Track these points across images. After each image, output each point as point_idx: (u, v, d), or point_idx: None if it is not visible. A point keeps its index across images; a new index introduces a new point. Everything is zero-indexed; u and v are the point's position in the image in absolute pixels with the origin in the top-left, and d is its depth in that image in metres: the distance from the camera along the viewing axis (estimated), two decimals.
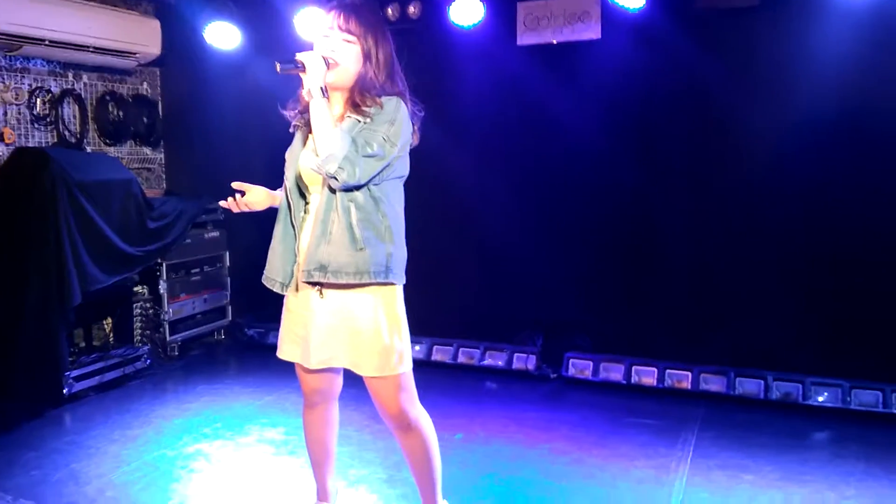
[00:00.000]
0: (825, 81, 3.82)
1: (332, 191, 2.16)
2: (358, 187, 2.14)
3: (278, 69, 2.13)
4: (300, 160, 2.27)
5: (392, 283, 2.23)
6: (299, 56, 2.12)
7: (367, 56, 2.19)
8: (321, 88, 2.10)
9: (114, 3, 5.00)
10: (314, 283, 2.22)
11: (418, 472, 2.42)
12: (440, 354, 4.66)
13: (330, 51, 2.17)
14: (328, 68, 2.14)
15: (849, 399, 3.76)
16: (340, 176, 2.07)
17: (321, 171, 2.10)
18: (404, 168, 2.28)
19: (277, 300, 2.41)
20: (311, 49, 2.19)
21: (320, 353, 2.25)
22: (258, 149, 4.66)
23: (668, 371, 4.12)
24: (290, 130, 2.36)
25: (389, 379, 2.24)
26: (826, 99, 3.83)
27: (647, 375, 4.16)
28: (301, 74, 2.14)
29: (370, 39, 2.19)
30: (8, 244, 4.11)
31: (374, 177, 2.15)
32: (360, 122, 2.16)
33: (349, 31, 2.18)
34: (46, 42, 4.39)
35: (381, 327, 2.20)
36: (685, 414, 3.79)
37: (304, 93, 2.19)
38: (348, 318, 2.21)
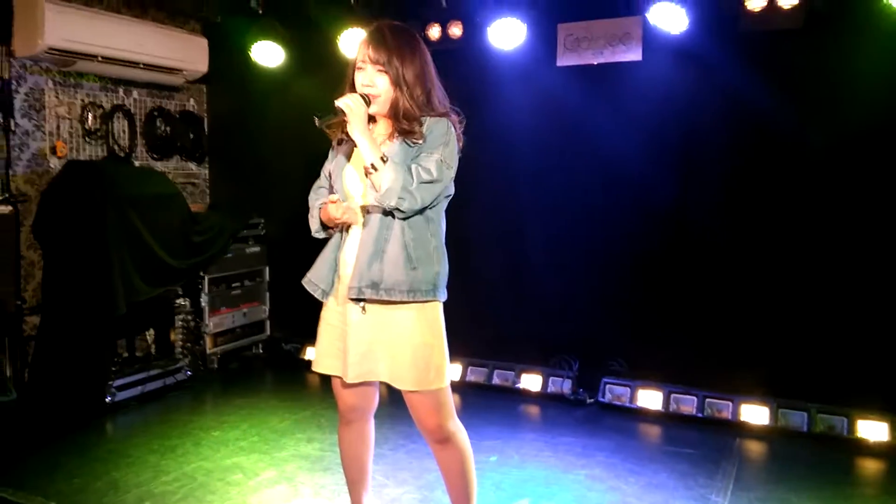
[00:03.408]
0: (872, 102, 3.74)
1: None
2: (420, 212, 2.19)
3: (317, 124, 2.16)
4: (345, 179, 2.30)
5: (436, 300, 2.26)
6: (338, 103, 2.14)
7: (396, 82, 2.18)
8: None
9: (163, 21, 5.16)
10: (359, 300, 2.23)
11: (454, 487, 2.42)
12: (475, 376, 4.65)
13: (366, 86, 2.19)
14: (369, 105, 2.17)
15: None
16: (402, 206, 2.12)
17: (382, 205, 2.14)
18: (452, 187, 2.31)
19: (315, 316, 2.42)
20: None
21: (359, 367, 2.26)
22: (300, 165, 4.68)
23: (707, 400, 4.05)
24: (333, 146, 2.37)
25: (428, 393, 2.25)
26: (873, 119, 3.75)
27: (686, 403, 4.09)
28: (344, 120, 2.15)
29: (395, 62, 2.17)
30: (57, 254, 4.24)
31: (435, 199, 2.20)
32: (410, 145, 2.19)
33: (377, 62, 2.18)
34: (99, 58, 4.54)
35: (423, 342, 2.23)
36: (725, 444, 3.72)
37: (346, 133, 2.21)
38: (389, 332, 2.23)
